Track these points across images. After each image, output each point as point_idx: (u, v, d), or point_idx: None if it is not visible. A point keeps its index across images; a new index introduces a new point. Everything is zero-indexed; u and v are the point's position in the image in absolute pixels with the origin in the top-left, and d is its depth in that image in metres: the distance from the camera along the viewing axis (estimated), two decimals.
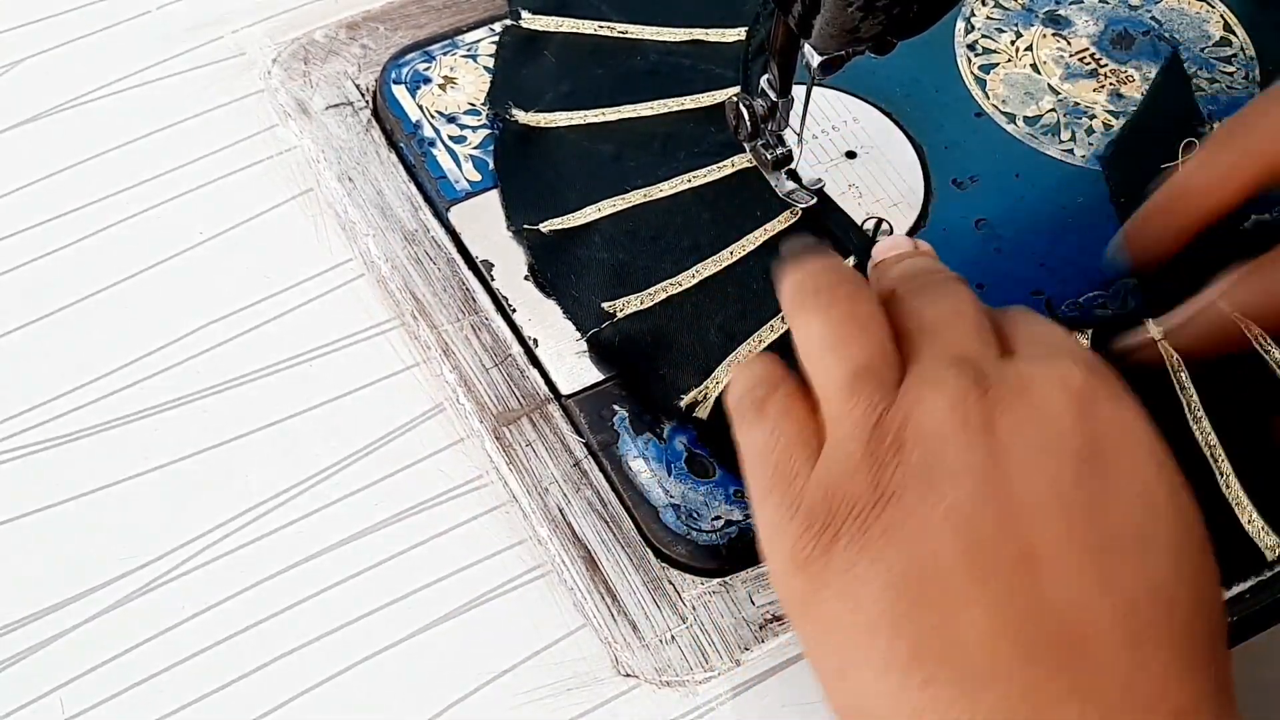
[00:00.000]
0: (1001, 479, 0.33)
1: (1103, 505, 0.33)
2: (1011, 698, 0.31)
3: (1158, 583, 0.32)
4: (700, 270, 0.47)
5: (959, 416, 0.33)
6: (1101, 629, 0.31)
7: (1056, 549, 0.32)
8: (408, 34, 0.53)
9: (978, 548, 0.32)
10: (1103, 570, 0.32)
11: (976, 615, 0.32)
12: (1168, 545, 0.33)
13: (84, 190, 0.49)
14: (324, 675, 0.40)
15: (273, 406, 0.45)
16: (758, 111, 0.47)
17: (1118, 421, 0.34)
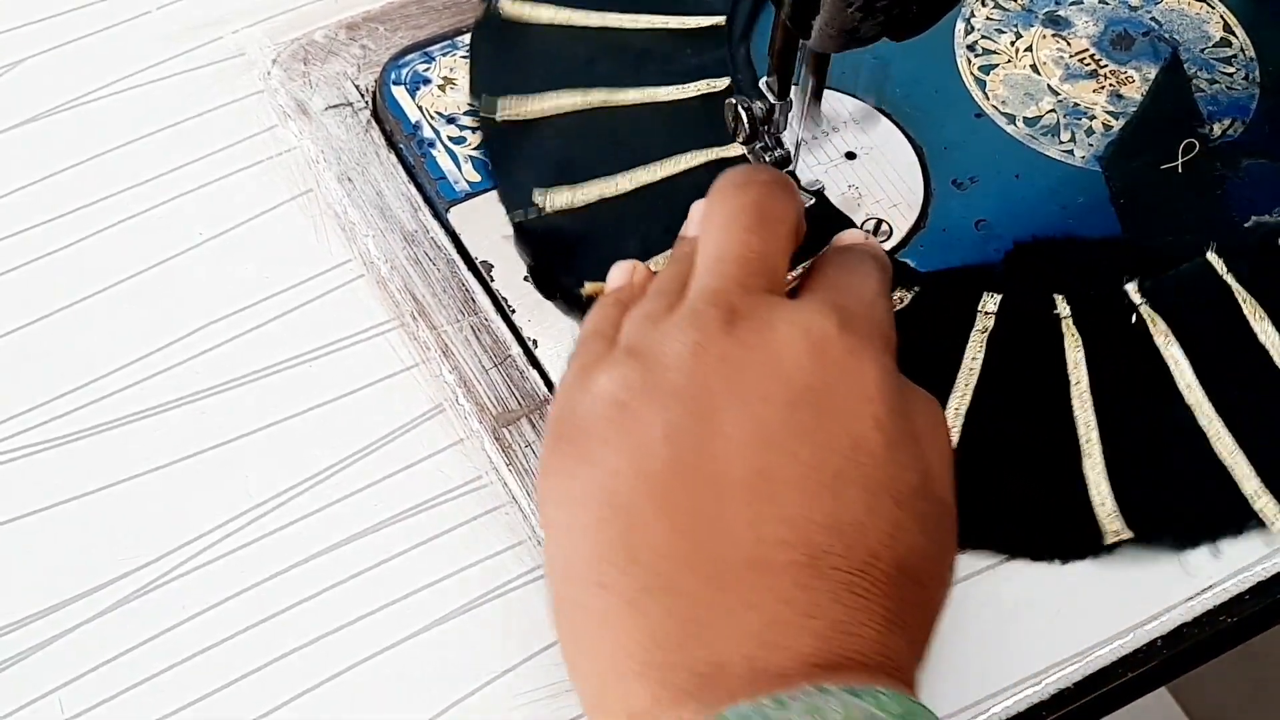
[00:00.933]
0: (713, 410, 0.35)
1: (802, 448, 0.34)
2: (676, 609, 0.33)
3: (844, 522, 0.34)
4: (637, 177, 0.48)
5: (694, 349, 0.36)
6: (771, 553, 0.33)
7: (747, 482, 0.34)
8: (407, 35, 0.53)
9: (674, 469, 0.34)
10: (786, 506, 0.34)
11: (659, 530, 0.34)
12: (865, 490, 0.34)
13: (84, 190, 0.49)
14: (324, 675, 0.40)
15: (273, 406, 0.45)
16: (756, 114, 0.47)
17: (848, 374, 0.36)
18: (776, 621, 0.33)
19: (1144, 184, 0.50)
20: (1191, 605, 0.42)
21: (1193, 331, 0.46)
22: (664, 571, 0.34)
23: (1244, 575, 0.42)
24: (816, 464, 0.34)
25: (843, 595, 0.33)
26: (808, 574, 0.33)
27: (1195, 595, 0.42)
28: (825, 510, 0.34)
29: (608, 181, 0.48)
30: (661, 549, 0.34)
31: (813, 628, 0.33)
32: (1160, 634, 0.41)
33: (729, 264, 0.38)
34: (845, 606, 0.33)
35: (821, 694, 0.31)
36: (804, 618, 0.33)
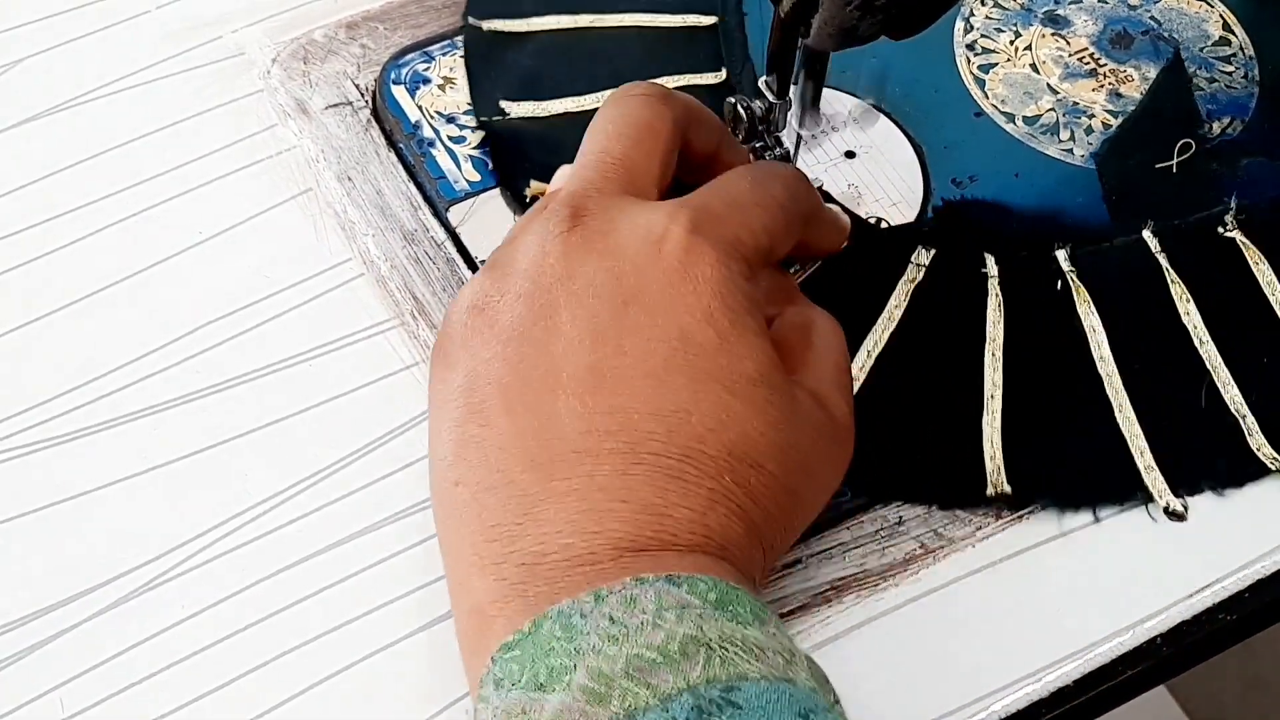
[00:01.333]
0: (553, 309, 0.36)
1: (631, 343, 0.36)
2: (512, 498, 0.35)
3: (665, 410, 0.35)
4: (603, 97, 0.49)
5: (543, 245, 0.37)
6: (595, 443, 0.35)
7: (577, 376, 0.35)
8: (407, 34, 0.53)
9: (516, 368, 0.36)
10: (613, 397, 0.35)
11: (502, 427, 0.35)
12: (691, 379, 0.35)
13: (83, 190, 0.49)
14: (324, 675, 0.40)
15: (272, 406, 0.45)
16: (756, 113, 0.47)
17: (683, 270, 0.36)
18: (590, 508, 0.34)
19: (1137, 182, 0.50)
20: (1191, 603, 0.42)
21: (1116, 305, 0.46)
22: (502, 466, 0.35)
23: (1243, 573, 0.42)
24: (643, 356, 0.36)
25: (658, 479, 0.34)
26: (626, 461, 0.34)
27: (1195, 593, 0.42)
28: (646, 399, 0.35)
29: (574, 100, 0.50)
30: (502, 444, 0.35)
31: (623, 512, 0.34)
32: (1159, 632, 0.41)
33: (586, 169, 0.39)
34: (659, 489, 0.34)
35: (639, 584, 0.32)
36: (616, 502, 0.34)
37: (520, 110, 0.50)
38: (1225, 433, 0.44)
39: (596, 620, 0.32)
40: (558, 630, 0.32)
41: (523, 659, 0.32)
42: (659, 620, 0.32)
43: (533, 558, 0.34)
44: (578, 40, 0.52)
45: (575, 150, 0.48)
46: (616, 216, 0.38)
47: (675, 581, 0.33)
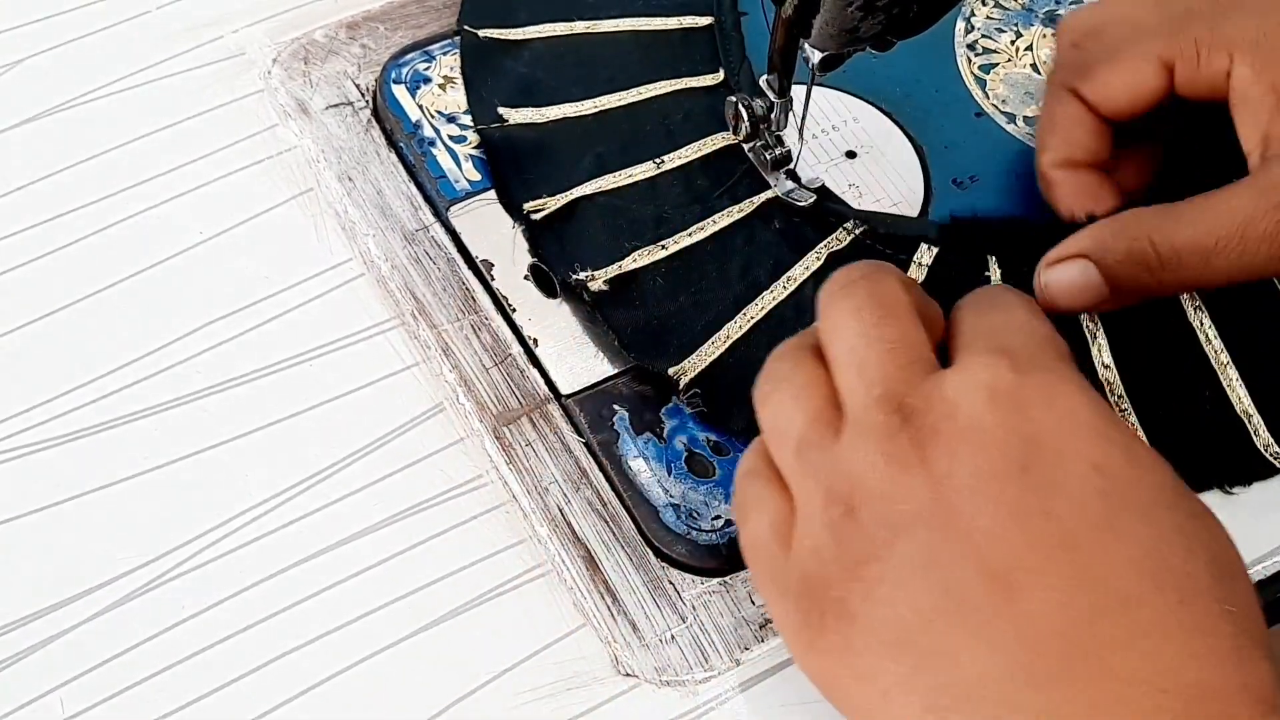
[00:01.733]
0: (950, 513, 0.32)
1: (1056, 505, 0.32)
2: None
3: (1138, 557, 0.31)
4: (601, 102, 0.50)
5: (896, 463, 0.33)
6: (1091, 630, 0.31)
7: (1023, 565, 0.32)
8: (408, 34, 0.53)
9: (948, 589, 0.32)
10: (1076, 567, 0.31)
11: (972, 655, 0.31)
12: (1140, 515, 0.32)
13: (84, 190, 0.49)
14: (324, 675, 0.40)
15: (273, 406, 0.45)
16: (757, 112, 0.47)
17: (1050, 410, 0.33)
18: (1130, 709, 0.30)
19: None
20: None
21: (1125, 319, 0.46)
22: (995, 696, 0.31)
23: None
24: (1078, 512, 0.32)
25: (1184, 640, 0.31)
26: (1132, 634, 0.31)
27: None
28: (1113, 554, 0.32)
29: (571, 106, 0.50)
30: (982, 673, 0.31)
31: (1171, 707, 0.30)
32: None
33: (874, 364, 0.35)
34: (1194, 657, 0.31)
35: None
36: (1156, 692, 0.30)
37: (518, 117, 0.50)
38: (1231, 432, 0.44)
39: None
40: None
41: None
42: None
43: None
44: (573, 47, 0.52)
45: (573, 157, 0.48)
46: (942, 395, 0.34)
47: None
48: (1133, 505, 0.32)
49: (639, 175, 0.48)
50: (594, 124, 0.50)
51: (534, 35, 0.52)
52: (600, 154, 0.49)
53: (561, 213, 0.48)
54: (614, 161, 0.49)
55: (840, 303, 0.36)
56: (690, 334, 0.45)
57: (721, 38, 0.52)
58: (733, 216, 0.48)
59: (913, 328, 0.36)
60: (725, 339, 0.45)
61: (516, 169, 0.49)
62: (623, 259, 0.46)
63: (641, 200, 0.48)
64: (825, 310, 0.37)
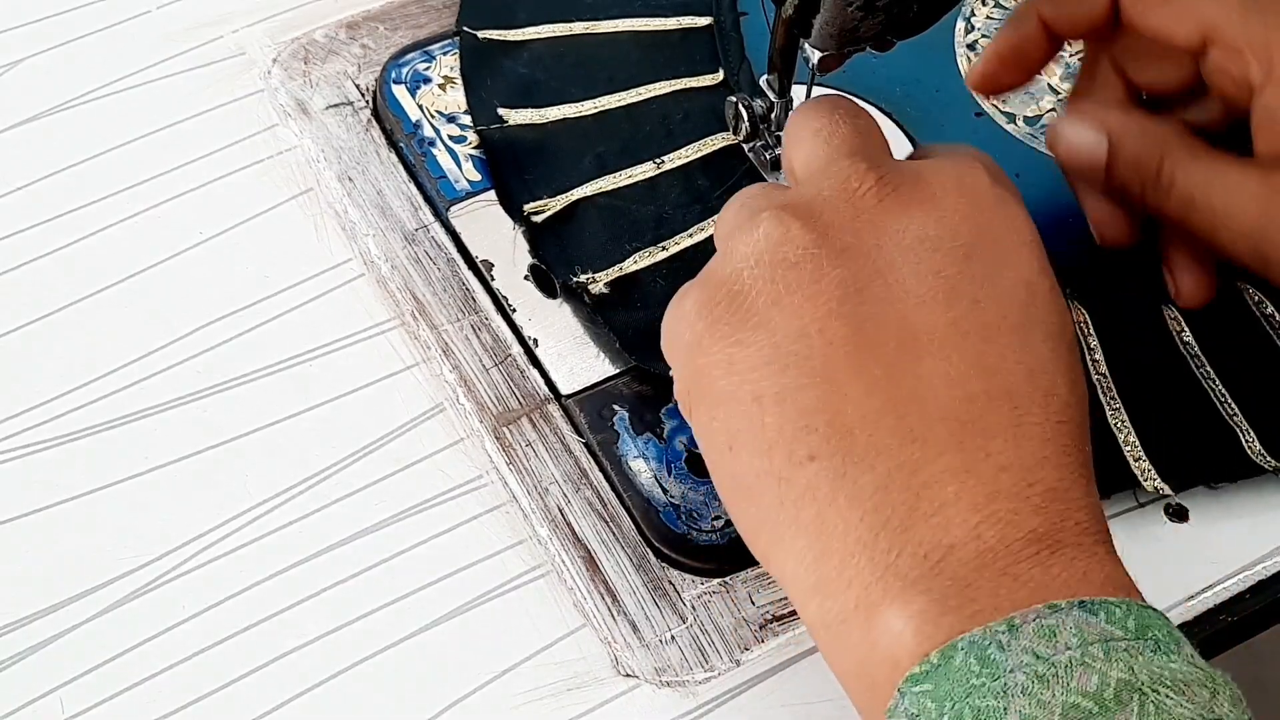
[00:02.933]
0: (889, 264, 0.34)
1: (985, 296, 0.34)
2: (893, 476, 0.32)
3: (1036, 369, 0.33)
4: (601, 103, 0.50)
5: (851, 201, 0.35)
6: (980, 411, 0.32)
7: (939, 335, 0.33)
8: (408, 34, 0.53)
9: (861, 326, 0.33)
10: (983, 356, 0.33)
11: (860, 394, 0.32)
12: (1046, 335, 0.34)
13: (84, 190, 0.49)
14: (324, 675, 0.40)
15: (273, 406, 0.45)
16: (756, 112, 0.47)
17: (1005, 219, 0.35)
18: (997, 490, 0.31)
19: None
20: (1191, 604, 0.42)
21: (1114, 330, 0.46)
22: (871, 437, 0.32)
23: (1244, 575, 0.42)
24: (1001, 311, 0.34)
25: (1050, 452, 0.32)
26: (1015, 430, 0.32)
27: (1195, 594, 0.42)
28: (1017, 358, 0.33)
29: (571, 107, 0.50)
30: (864, 413, 0.32)
31: (1032, 498, 0.31)
32: None
33: (850, 137, 0.37)
34: (1055, 466, 0.32)
35: (1053, 611, 0.30)
36: (1024, 485, 0.31)
37: (518, 118, 0.50)
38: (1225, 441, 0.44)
39: (1018, 655, 0.29)
40: (974, 664, 0.29)
41: (938, 695, 0.29)
42: (1087, 658, 0.29)
43: (936, 550, 0.31)
44: (573, 47, 0.52)
45: (573, 158, 0.48)
46: (917, 170, 0.36)
47: (1090, 607, 0.30)
48: (1043, 328, 0.34)
49: (639, 176, 0.48)
50: (594, 124, 0.50)
51: (533, 36, 0.52)
52: (600, 154, 0.49)
53: (562, 214, 0.48)
54: (614, 162, 0.49)
55: (809, 111, 0.38)
56: None
57: (721, 38, 0.52)
58: None
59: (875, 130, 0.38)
60: None
61: (516, 170, 0.49)
62: (623, 260, 0.46)
63: (641, 200, 0.48)
64: (792, 121, 0.39)
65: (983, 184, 0.36)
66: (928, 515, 0.31)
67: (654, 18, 0.53)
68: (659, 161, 0.49)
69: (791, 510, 0.33)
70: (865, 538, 0.32)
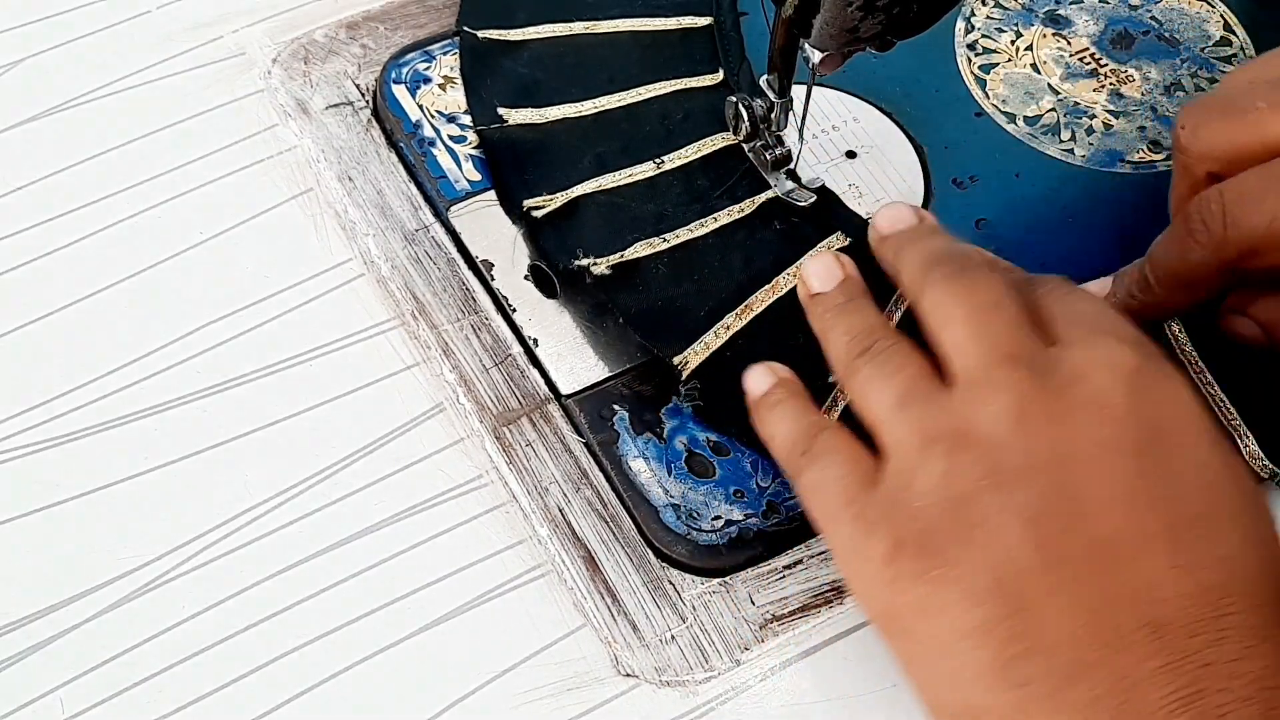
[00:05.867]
0: (1067, 475, 0.33)
1: (1167, 488, 0.33)
2: (1101, 685, 0.31)
3: (1227, 555, 0.32)
4: (601, 103, 0.50)
5: (1017, 415, 0.34)
6: (1179, 608, 0.32)
7: (1127, 537, 0.32)
8: (408, 34, 0.53)
9: (1050, 545, 0.33)
10: (1174, 551, 0.32)
11: (1057, 611, 0.32)
12: (1231, 516, 0.33)
13: (84, 190, 0.49)
14: (324, 675, 0.40)
15: (273, 406, 0.45)
16: (757, 112, 0.47)
17: (1170, 401, 0.34)
18: (1202, 689, 0.31)
19: None
20: None
21: None
22: (1074, 653, 0.32)
23: None
24: (1185, 504, 0.33)
25: (1254, 640, 0.32)
26: (1215, 622, 0.32)
27: None
28: (1208, 548, 0.32)
29: (571, 108, 0.50)
30: (1068, 631, 0.32)
31: (1238, 689, 0.31)
32: None
33: (998, 328, 0.35)
34: (1260, 656, 0.31)
35: None
36: (1227, 678, 0.31)
37: (518, 117, 0.50)
38: None
39: None
40: None
41: None
42: None
43: None
44: (573, 47, 0.52)
45: (573, 157, 0.48)
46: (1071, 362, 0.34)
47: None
48: (1228, 507, 0.33)
49: (639, 175, 0.49)
50: (594, 124, 0.50)
51: (533, 36, 0.52)
52: (600, 154, 0.49)
53: (562, 210, 0.48)
54: (614, 161, 0.49)
55: (951, 283, 0.36)
56: (694, 319, 0.45)
57: (721, 38, 0.52)
58: (733, 216, 0.48)
59: (1022, 311, 0.36)
60: (726, 329, 0.45)
61: (517, 169, 0.49)
62: (624, 249, 0.47)
63: (642, 199, 0.48)
64: (931, 287, 0.37)
65: (1138, 365, 0.34)
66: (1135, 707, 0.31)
67: (654, 18, 0.53)
68: (659, 161, 0.49)
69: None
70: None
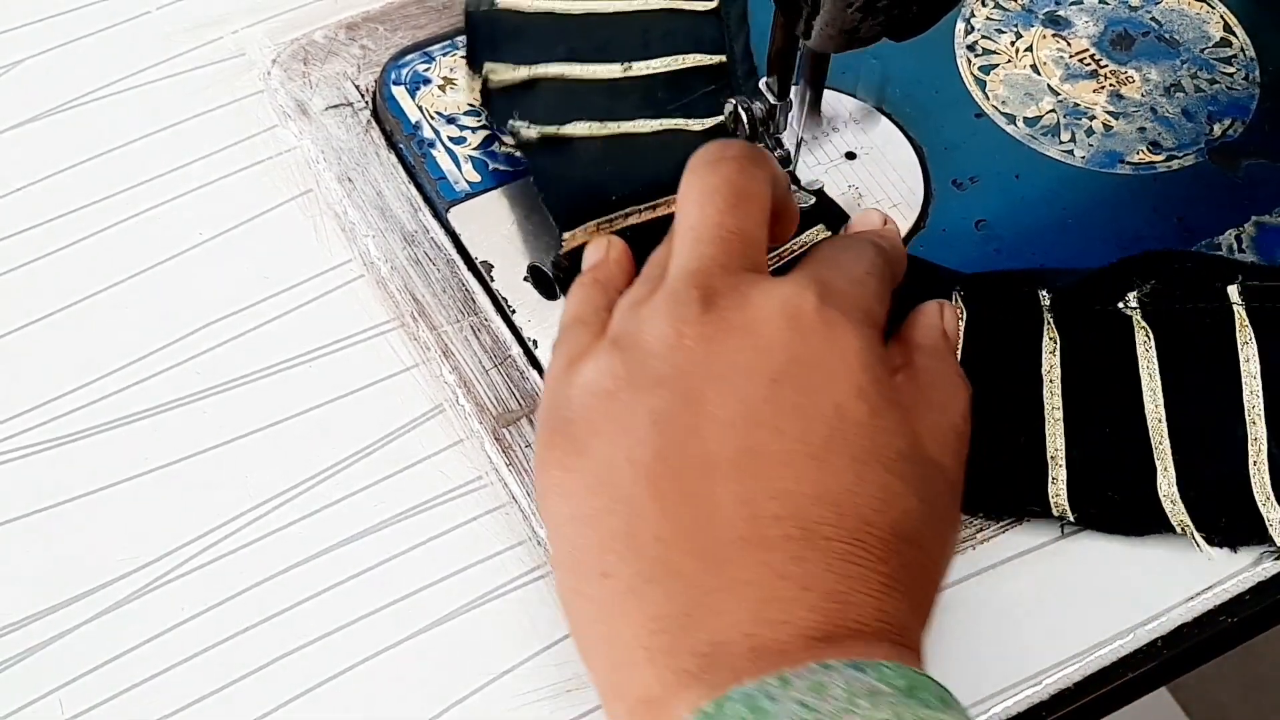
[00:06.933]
0: (698, 392, 0.35)
1: (789, 420, 0.35)
2: (674, 591, 0.34)
3: (832, 491, 0.34)
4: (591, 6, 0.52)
5: (676, 331, 0.36)
6: (765, 531, 0.34)
7: (733, 458, 0.34)
8: (407, 35, 0.53)
9: (664, 455, 0.35)
10: (777, 480, 0.34)
11: (653, 516, 0.34)
12: (852, 458, 0.35)
13: (84, 191, 0.49)
14: (324, 675, 0.40)
15: (272, 407, 0.45)
16: (756, 115, 0.47)
17: (827, 345, 0.36)
18: (773, 597, 0.33)
19: None
20: (1192, 605, 0.42)
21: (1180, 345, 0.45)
22: (660, 556, 0.34)
23: (1244, 575, 0.42)
24: (802, 436, 0.35)
25: (836, 565, 0.34)
26: (801, 546, 0.34)
27: (1196, 595, 0.42)
28: (813, 481, 0.34)
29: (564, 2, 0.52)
30: (657, 534, 0.34)
31: (808, 600, 0.33)
32: (1161, 634, 0.41)
33: (705, 244, 0.38)
34: (839, 575, 0.33)
35: (825, 670, 0.31)
36: (799, 590, 0.33)
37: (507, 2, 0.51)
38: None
39: (787, 704, 0.31)
40: (745, 711, 0.31)
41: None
42: (852, 707, 0.31)
43: (710, 647, 0.33)
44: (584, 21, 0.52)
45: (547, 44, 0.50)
46: (748, 293, 0.37)
47: (861, 668, 0.32)
48: (850, 450, 0.35)
49: (603, 74, 0.50)
50: (577, 22, 0.51)
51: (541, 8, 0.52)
52: (574, 48, 0.50)
53: (520, 85, 0.49)
54: (585, 56, 0.50)
55: (701, 178, 0.39)
56: (602, 202, 0.46)
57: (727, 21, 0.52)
58: (685, 126, 0.49)
59: (755, 225, 0.38)
60: (625, 218, 0.46)
61: (491, 44, 0.50)
62: (564, 124, 0.48)
63: (598, 94, 0.49)
64: (688, 176, 0.39)
65: (808, 307, 0.36)
66: (705, 619, 0.33)
67: None
68: (627, 66, 0.50)
69: (593, 625, 0.35)
70: (649, 643, 0.34)
